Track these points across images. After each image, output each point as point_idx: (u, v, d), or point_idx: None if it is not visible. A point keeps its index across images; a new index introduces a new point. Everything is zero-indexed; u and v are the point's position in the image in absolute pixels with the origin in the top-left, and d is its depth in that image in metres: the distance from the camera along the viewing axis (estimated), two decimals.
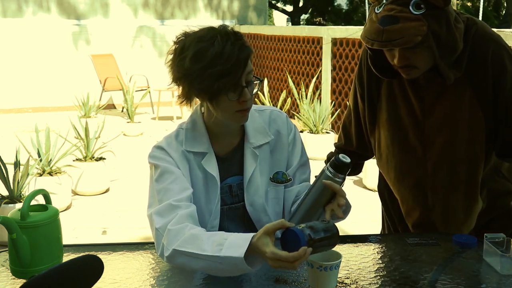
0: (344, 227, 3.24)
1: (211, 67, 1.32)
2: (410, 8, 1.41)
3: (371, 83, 1.73)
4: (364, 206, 4.08)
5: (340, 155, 1.33)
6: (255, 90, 1.42)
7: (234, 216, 1.52)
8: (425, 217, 1.72)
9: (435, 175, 1.67)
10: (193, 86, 1.36)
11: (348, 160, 1.32)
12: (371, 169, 4.45)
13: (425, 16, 1.42)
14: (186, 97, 1.43)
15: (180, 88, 1.42)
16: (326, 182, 1.32)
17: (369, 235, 1.77)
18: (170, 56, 1.41)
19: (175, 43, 1.41)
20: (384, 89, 1.71)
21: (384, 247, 1.57)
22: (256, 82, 1.42)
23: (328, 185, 1.32)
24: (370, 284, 1.35)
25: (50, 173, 4.10)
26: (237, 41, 1.35)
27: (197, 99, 1.44)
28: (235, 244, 1.22)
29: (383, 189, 1.91)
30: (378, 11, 1.45)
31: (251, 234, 1.22)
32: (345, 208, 1.39)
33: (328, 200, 1.35)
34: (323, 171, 1.35)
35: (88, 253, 1.28)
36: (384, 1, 1.45)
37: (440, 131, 1.64)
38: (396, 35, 1.41)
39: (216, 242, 1.25)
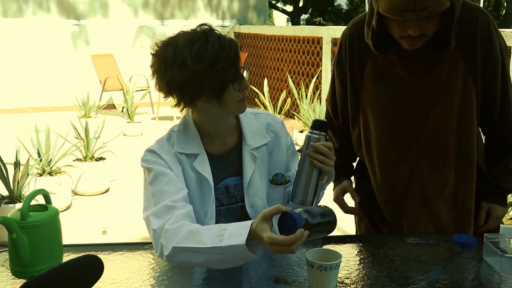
0: (344, 227, 3.24)
1: (217, 62, 1.34)
2: None
3: (353, 66, 1.73)
4: None
5: (315, 119, 1.43)
6: (247, 78, 1.46)
7: (232, 216, 1.52)
8: (419, 200, 1.72)
9: (429, 149, 1.67)
10: (203, 86, 1.36)
11: (324, 119, 1.43)
12: None
13: None
14: (191, 101, 1.41)
15: (178, 95, 1.40)
16: (314, 145, 1.36)
17: (369, 235, 1.77)
18: (159, 67, 1.39)
19: (154, 54, 1.40)
20: (368, 69, 1.70)
21: (384, 247, 1.57)
22: (244, 70, 1.45)
23: (317, 147, 1.36)
24: (370, 284, 1.35)
25: (50, 173, 4.10)
26: (223, 35, 1.40)
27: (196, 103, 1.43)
28: (235, 233, 1.23)
29: (362, 187, 1.90)
30: None
31: (250, 221, 1.24)
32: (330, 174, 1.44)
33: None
34: (308, 138, 1.39)
35: (88, 253, 1.28)
36: None
37: (432, 103, 1.65)
38: (429, 3, 1.40)
39: (216, 234, 1.25)
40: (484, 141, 1.77)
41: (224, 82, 1.36)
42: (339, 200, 1.90)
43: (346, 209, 1.90)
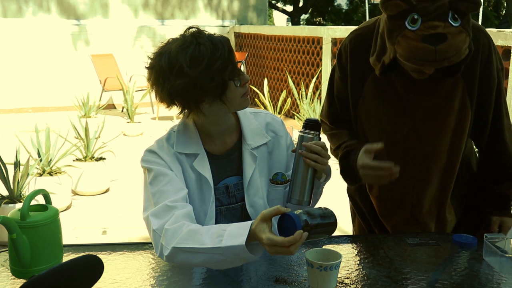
0: (344, 227, 3.24)
1: (213, 62, 1.33)
2: (450, 21, 1.39)
3: (354, 80, 1.72)
4: None
5: (307, 118, 1.42)
6: (244, 70, 1.45)
7: (232, 216, 1.53)
8: (407, 215, 1.74)
9: (423, 167, 1.69)
10: (204, 89, 1.35)
11: (315, 118, 1.42)
12: None
13: (463, 26, 1.41)
14: (195, 106, 1.40)
15: (181, 102, 1.40)
16: (305, 144, 1.38)
17: (369, 235, 1.77)
18: (157, 79, 1.38)
19: (149, 67, 1.40)
20: (369, 84, 1.69)
21: (384, 247, 1.57)
22: (241, 64, 1.45)
23: (309, 146, 1.37)
24: (370, 284, 1.35)
25: (50, 173, 4.10)
26: (213, 34, 1.39)
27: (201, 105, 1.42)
28: (235, 233, 1.23)
29: (354, 193, 1.89)
30: (414, 28, 1.40)
31: (250, 222, 1.24)
32: (327, 171, 1.46)
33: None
34: (300, 138, 1.39)
35: (88, 253, 1.28)
36: (416, 16, 1.40)
37: (430, 122, 1.65)
38: (450, 53, 1.39)
39: (216, 234, 1.25)
40: (478, 155, 1.80)
41: (224, 80, 1.36)
42: (368, 164, 1.58)
43: (378, 167, 1.58)
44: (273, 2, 18.18)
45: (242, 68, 1.45)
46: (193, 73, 1.33)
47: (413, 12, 1.40)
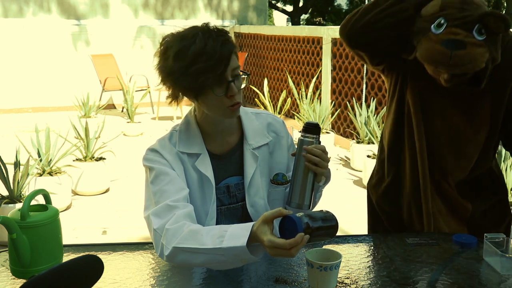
0: (344, 227, 3.24)
1: (194, 64, 1.32)
2: (474, 33, 1.41)
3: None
4: (364, 205, 4.08)
5: (307, 121, 1.40)
6: (243, 85, 1.42)
7: (232, 216, 1.53)
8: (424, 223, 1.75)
9: (440, 169, 1.70)
10: (177, 85, 1.38)
11: (315, 121, 1.40)
12: (370, 169, 4.44)
13: (487, 42, 1.42)
14: (173, 96, 1.44)
15: (167, 87, 1.43)
16: (306, 148, 1.36)
17: (369, 235, 1.77)
18: (157, 58, 1.42)
19: (161, 44, 1.41)
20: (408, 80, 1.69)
21: (384, 247, 1.57)
22: (243, 76, 1.42)
23: (309, 150, 1.35)
24: (370, 284, 1.35)
25: (50, 173, 4.10)
26: (219, 37, 1.36)
27: (185, 98, 1.45)
28: (236, 234, 1.23)
29: (383, 201, 1.91)
30: (438, 32, 1.44)
31: (251, 223, 1.24)
32: (327, 174, 1.45)
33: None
34: (300, 142, 1.38)
35: (88, 253, 1.28)
36: (442, 21, 1.43)
37: (450, 134, 1.66)
38: (465, 61, 1.42)
39: (217, 235, 1.25)
40: None
41: (198, 84, 1.34)
42: None
43: None
44: (273, 2, 18.18)
45: (238, 80, 1.41)
46: (173, 65, 1.35)
47: (440, 17, 1.43)
